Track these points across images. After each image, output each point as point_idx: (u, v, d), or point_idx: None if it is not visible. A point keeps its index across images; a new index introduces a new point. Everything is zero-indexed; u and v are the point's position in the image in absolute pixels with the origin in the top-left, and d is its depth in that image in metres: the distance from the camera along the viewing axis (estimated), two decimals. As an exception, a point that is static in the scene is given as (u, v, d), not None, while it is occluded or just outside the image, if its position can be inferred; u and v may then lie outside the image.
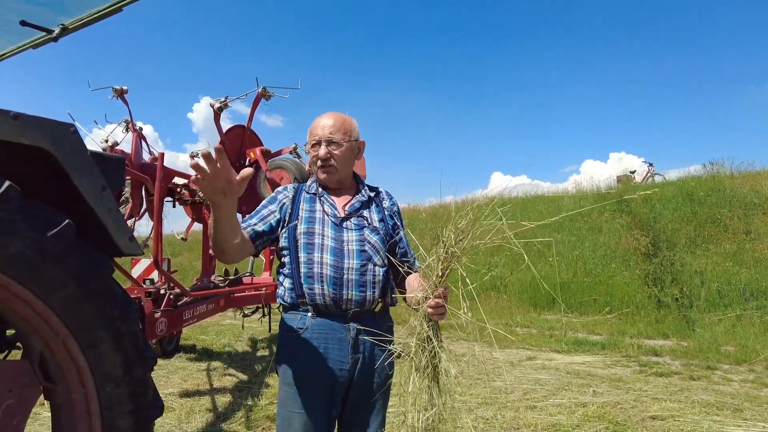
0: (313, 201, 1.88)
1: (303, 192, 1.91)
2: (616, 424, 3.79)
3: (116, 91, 4.79)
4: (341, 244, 1.78)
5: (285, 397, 1.77)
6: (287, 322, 1.82)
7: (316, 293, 1.74)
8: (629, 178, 16.22)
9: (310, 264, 1.75)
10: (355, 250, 1.79)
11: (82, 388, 1.53)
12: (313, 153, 1.87)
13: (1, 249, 1.29)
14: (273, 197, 1.90)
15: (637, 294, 9.14)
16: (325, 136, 1.84)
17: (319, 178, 1.91)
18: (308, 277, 1.75)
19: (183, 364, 5.85)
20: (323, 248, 1.77)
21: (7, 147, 1.36)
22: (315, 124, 1.89)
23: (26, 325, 1.44)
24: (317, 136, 1.86)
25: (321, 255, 1.76)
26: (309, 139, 1.90)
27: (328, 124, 1.86)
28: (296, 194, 1.90)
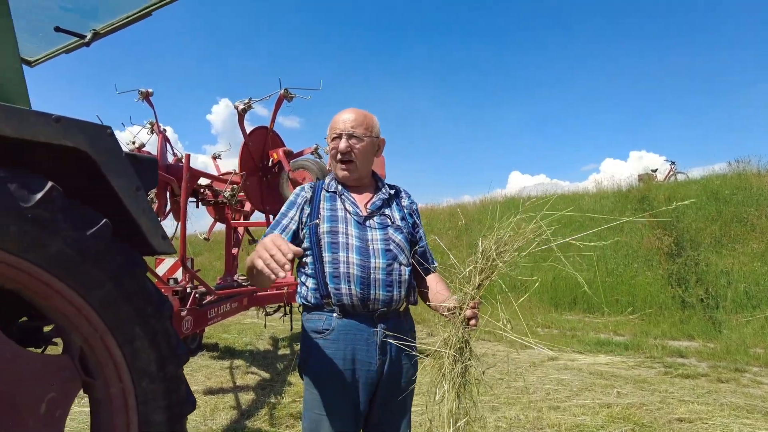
0: (334, 199, 1.85)
1: (322, 190, 1.89)
2: (642, 425, 3.74)
3: (142, 93, 4.89)
4: (366, 243, 1.76)
5: (312, 399, 1.74)
6: (312, 323, 1.79)
7: (343, 293, 1.72)
8: (651, 176, 15.94)
9: (336, 263, 1.73)
10: (380, 249, 1.77)
11: (119, 383, 1.57)
12: (333, 146, 1.85)
13: (45, 247, 1.33)
14: (291, 201, 1.88)
15: (661, 294, 8.99)
16: (347, 130, 1.82)
17: (338, 176, 1.89)
18: (334, 277, 1.72)
19: (206, 362, 5.93)
20: (348, 247, 1.74)
21: (49, 149, 1.41)
22: (336, 119, 1.87)
23: (66, 322, 1.49)
24: (338, 129, 1.83)
25: (347, 254, 1.73)
26: (329, 134, 1.87)
27: (350, 118, 1.84)
28: (315, 193, 1.88)
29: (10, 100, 1.54)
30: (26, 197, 1.29)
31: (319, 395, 1.73)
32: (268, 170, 5.07)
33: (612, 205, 13.19)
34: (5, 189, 1.25)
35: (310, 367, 1.78)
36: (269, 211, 5.19)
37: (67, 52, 2.69)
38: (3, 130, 1.30)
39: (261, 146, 4.92)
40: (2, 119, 1.29)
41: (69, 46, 2.64)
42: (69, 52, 2.71)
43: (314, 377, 1.75)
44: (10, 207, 1.25)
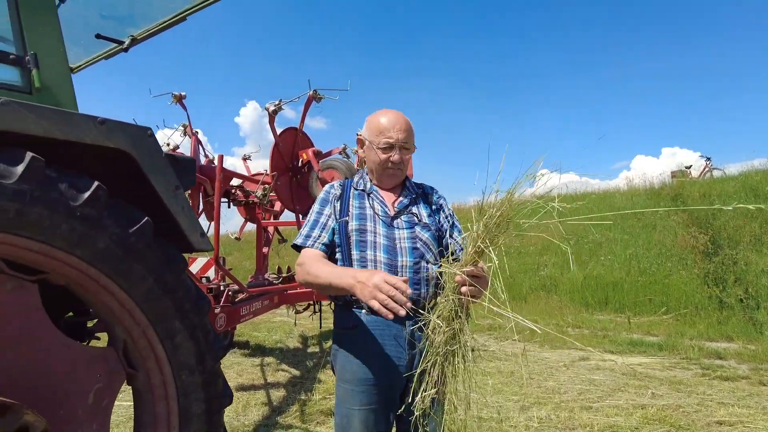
0: (362, 198, 1.87)
1: (351, 188, 1.91)
2: (679, 428, 3.64)
3: (175, 96, 5.03)
4: (393, 242, 1.78)
5: (343, 394, 1.76)
6: (342, 320, 1.82)
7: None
8: (685, 173, 15.47)
9: (364, 262, 1.75)
10: (407, 247, 1.79)
11: (160, 375, 1.63)
12: (385, 156, 1.83)
13: (92, 244, 1.39)
14: (324, 199, 1.90)
15: (696, 294, 8.72)
16: (401, 141, 1.82)
17: (382, 182, 1.91)
18: None
19: (237, 360, 6.05)
20: (376, 246, 1.77)
21: (95, 150, 1.48)
22: (388, 126, 1.83)
23: (111, 315, 1.55)
24: (392, 139, 1.81)
25: (374, 253, 1.76)
26: (378, 139, 1.83)
27: (403, 128, 1.83)
28: (344, 191, 1.90)
29: (60, 104, 1.61)
30: (75, 196, 1.36)
31: (349, 390, 1.74)
32: (297, 170, 5.15)
33: (644, 202, 12.86)
34: (56, 188, 1.32)
35: (340, 362, 1.80)
36: (299, 211, 5.27)
37: (106, 58, 2.79)
38: (52, 132, 1.37)
39: (291, 147, 5.00)
40: (52, 122, 1.35)
41: (108, 52, 2.74)
42: (108, 58, 2.81)
43: (345, 372, 1.77)
44: (61, 205, 1.32)
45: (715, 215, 10.68)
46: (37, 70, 1.51)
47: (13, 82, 1.53)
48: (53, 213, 1.31)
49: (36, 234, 1.30)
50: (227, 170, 4.65)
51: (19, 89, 1.52)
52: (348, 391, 1.74)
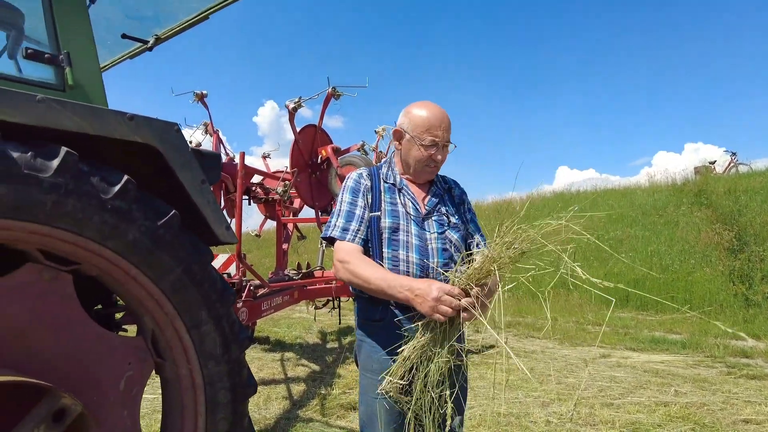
0: (393, 192, 1.86)
1: (380, 180, 1.88)
2: (704, 426, 3.59)
3: (197, 95, 5.11)
4: (425, 242, 1.79)
5: (368, 384, 1.78)
6: (367, 312, 1.82)
7: None
8: (709, 169, 15.13)
9: (396, 261, 1.76)
10: (438, 248, 1.79)
11: (187, 365, 1.67)
12: (428, 153, 1.79)
13: (122, 236, 1.44)
14: (354, 189, 1.85)
15: (721, 292, 8.55)
16: (445, 140, 1.80)
17: (416, 177, 1.89)
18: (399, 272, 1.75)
19: (258, 355, 6.14)
20: (408, 246, 1.77)
21: (124, 145, 1.52)
22: (435, 123, 1.78)
23: (140, 306, 1.60)
24: (439, 137, 1.78)
25: (407, 253, 1.76)
26: (423, 135, 1.78)
27: (448, 127, 1.81)
28: (373, 182, 1.87)
29: (91, 101, 1.66)
30: (106, 189, 1.40)
31: (375, 380, 1.76)
32: (317, 167, 5.19)
33: (666, 199, 12.62)
34: (88, 182, 1.37)
35: (366, 352, 1.82)
36: (318, 207, 5.32)
37: (131, 58, 2.86)
38: (85, 128, 1.42)
39: (310, 144, 5.04)
40: (84, 118, 1.40)
41: (133, 52, 2.81)
42: (133, 58, 2.88)
43: (371, 363, 1.79)
44: (93, 198, 1.37)
45: (741, 211, 10.45)
46: (70, 68, 1.57)
47: (48, 80, 1.58)
48: (86, 205, 1.36)
49: (70, 225, 1.35)
50: (248, 167, 4.71)
51: (54, 87, 1.58)
52: (374, 381, 1.76)
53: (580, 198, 14.79)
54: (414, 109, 1.84)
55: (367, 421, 1.80)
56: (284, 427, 3.66)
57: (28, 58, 1.52)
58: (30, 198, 1.25)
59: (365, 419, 1.81)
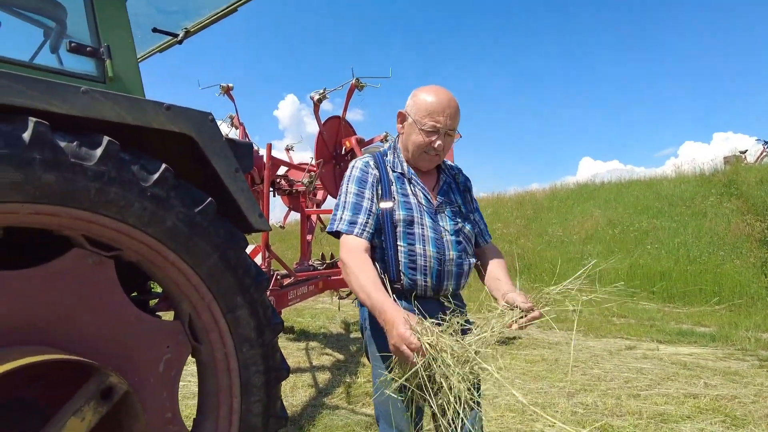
0: (402, 182, 1.80)
1: (387, 169, 1.82)
2: (735, 418, 3.53)
3: (223, 88, 5.20)
4: (440, 235, 1.75)
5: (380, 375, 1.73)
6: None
7: (418, 284, 1.73)
8: (739, 158, 14.72)
9: (413, 255, 1.72)
10: (452, 241, 1.77)
11: (223, 348, 1.72)
12: (428, 139, 1.72)
13: (161, 222, 1.49)
14: (361, 179, 1.78)
15: (752, 284, 8.34)
16: (448, 127, 1.72)
17: (421, 165, 1.82)
18: (410, 268, 1.72)
19: (283, 344, 6.23)
20: (425, 239, 1.73)
21: (160, 133, 1.57)
22: (438, 108, 1.70)
23: (178, 290, 1.65)
24: (440, 124, 1.70)
25: (423, 247, 1.72)
26: (424, 120, 1.71)
27: (452, 113, 1.72)
28: (380, 171, 1.80)
29: (130, 92, 1.71)
30: (146, 177, 1.45)
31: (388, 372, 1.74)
32: (341, 158, 5.23)
33: (693, 189, 12.34)
34: (129, 170, 1.41)
35: (380, 348, 1.78)
36: (337, 197, 5.37)
37: (161, 51, 2.92)
38: (125, 118, 1.46)
39: (334, 135, 5.08)
40: (125, 108, 1.45)
41: (163, 46, 2.87)
42: (162, 51, 2.94)
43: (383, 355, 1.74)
44: (134, 186, 1.42)
45: (773, 202, 10.16)
46: (110, 60, 1.62)
47: (90, 73, 1.64)
48: (127, 193, 1.40)
49: (112, 212, 1.40)
50: (275, 158, 4.77)
51: (95, 79, 1.63)
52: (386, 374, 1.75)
53: (603, 189, 14.56)
54: (421, 92, 1.77)
55: (383, 412, 1.77)
56: (311, 413, 3.72)
57: (72, 51, 1.57)
58: (76, 185, 1.30)
59: (381, 410, 1.78)
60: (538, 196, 15.60)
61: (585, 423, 3.44)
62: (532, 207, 14.73)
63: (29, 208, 1.25)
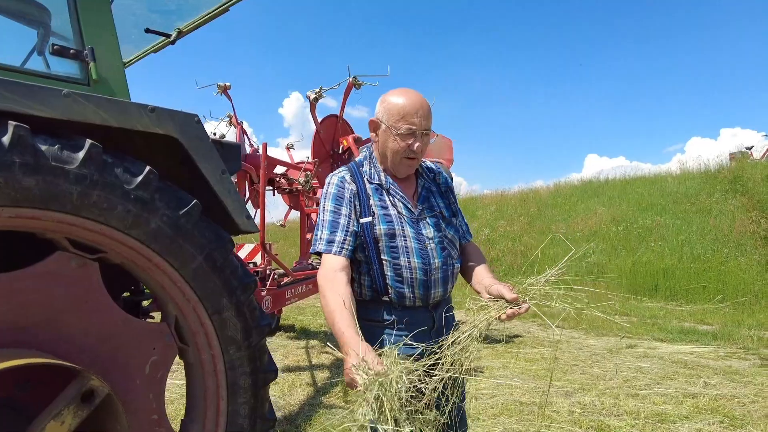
0: (381, 193, 1.75)
1: (364, 182, 1.76)
2: (733, 418, 3.51)
3: (220, 87, 5.20)
4: (424, 244, 1.72)
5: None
6: (370, 314, 1.74)
7: (406, 296, 1.70)
8: (745, 155, 14.57)
9: (398, 268, 1.69)
10: (436, 248, 1.73)
11: (209, 350, 1.73)
12: (405, 143, 1.68)
13: (145, 224, 1.49)
14: (337, 195, 1.73)
15: (756, 282, 8.28)
16: (423, 127, 1.68)
17: (399, 171, 1.77)
18: (397, 281, 1.69)
19: (284, 342, 6.25)
20: (408, 251, 1.69)
21: (145, 136, 1.57)
22: (411, 110, 1.66)
23: (163, 292, 1.65)
24: (415, 125, 1.66)
25: (408, 259, 1.69)
26: (399, 125, 1.67)
27: (426, 113, 1.68)
28: (358, 185, 1.74)
29: (115, 95, 1.71)
30: (129, 180, 1.45)
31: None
32: (338, 157, 5.23)
33: (698, 186, 12.24)
34: (112, 173, 1.41)
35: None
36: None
37: (155, 52, 2.92)
38: (108, 120, 1.46)
39: (332, 134, 5.08)
40: (108, 111, 1.45)
41: (156, 46, 2.87)
42: (157, 52, 2.94)
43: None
44: (117, 188, 1.42)
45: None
46: (94, 63, 1.62)
47: (73, 75, 1.64)
48: (110, 195, 1.41)
49: (95, 215, 1.40)
50: (271, 158, 4.77)
51: (78, 81, 1.63)
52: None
53: (608, 186, 14.47)
54: (390, 96, 1.72)
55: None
56: (307, 413, 3.73)
57: (54, 53, 1.57)
58: (57, 189, 1.31)
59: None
60: (542, 194, 15.54)
61: (582, 423, 3.43)
62: (535, 204, 14.67)
63: (9, 212, 1.26)
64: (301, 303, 7.88)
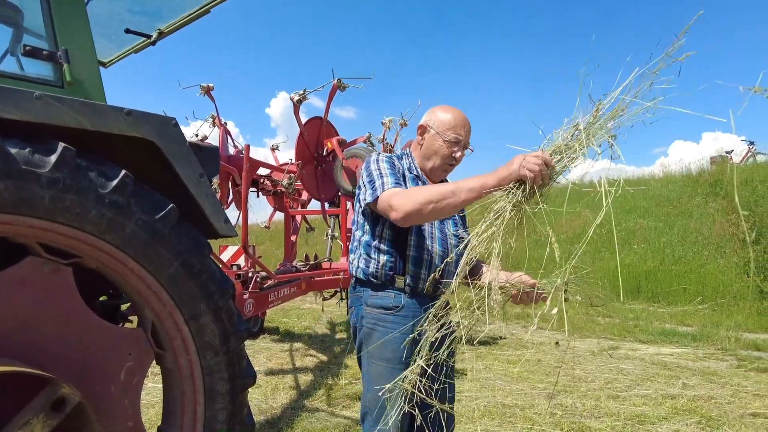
0: (417, 183, 1.91)
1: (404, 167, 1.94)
2: (710, 419, 3.57)
3: (203, 88, 5.16)
4: (445, 236, 1.90)
5: (381, 371, 1.79)
6: (379, 300, 1.84)
7: (420, 278, 1.82)
8: (725, 158, 14.85)
9: (421, 250, 1.83)
10: (454, 244, 1.89)
11: (187, 355, 1.71)
12: (450, 150, 1.89)
13: (120, 229, 1.47)
14: (391, 163, 1.87)
15: (735, 284, 8.43)
16: (466, 141, 1.92)
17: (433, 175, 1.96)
18: (416, 262, 1.82)
19: (267, 345, 6.21)
20: (433, 238, 1.87)
21: (121, 140, 1.55)
22: (459, 123, 1.89)
23: (139, 297, 1.63)
24: (462, 137, 1.89)
25: (431, 244, 1.86)
26: (447, 133, 1.88)
27: (468, 129, 1.92)
28: (402, 168, 1.92)
29: (90, 97, 1.69)
30: (104, 184, 1.43)
31: (388, 368, 1.77)
32: (322, 159, 5.21)
33: (680, 189, 12.45)
34: (86, 177, 1.39)
35: (379, 341, 1.81)
36: (324, 199, 5.35)
37: (135, 52, 2.89)
38: (83, 123, 1.44)
39: (316, 136, 5.06)
40: (83, 114, 1.43)
41: (137, 46, 2.84)
42: (137, 52, 2.91)
43: (385, 351, 1.79)
44: (91, 193, 1.39)
45: (758, 202, 10.27)
46: (68, 64, 1.59)
47: (46, 77, 1.61)
48: (84, 200, 1.39)
49: (69, 220, 1.38)
50: (254, 159, 4.74)
51: (52, 83, 1.60)
52: (387, 369, 1.78)
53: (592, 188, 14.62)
54: (440, 110, 1.95)
55: (375, 409, 1.78)
56: (290, 416, 3.71)
57: (26, 54, 1.54)
58: (29, 193, 1.28)
59: (371, 407, 1.81)
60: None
61: (563, 425, 3.45)
62: (520, 206, 14.77)
63: (-21, 217, 1.23)
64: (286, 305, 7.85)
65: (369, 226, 1.90)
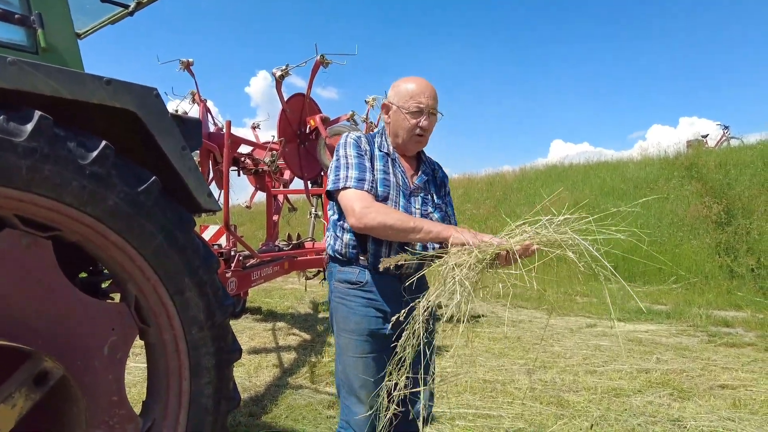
0: (386, 161, 1.90)
1: (375, 147, 1.92)
2: (681, 390, 3.70)
3: (183, 63, 5.02)
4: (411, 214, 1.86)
5: (346, 343, 1.88)
6: (345, 275, 1.89)
7: (382, 256, 1.82)
8: (701, 142, 15.15)
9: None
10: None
11: (171, 330, 1.69)
12: (415, 120, 1.85)
13: (102, 202, 1.43)
14: (359, 146, 1.87)
15: (707, 264, 8.68)
16: (430, 107, 1.85)
17: (408, 148, 1.93)
18: (377, 240, 1.82)
19: (250, 324, 6.20)
20: None
21: (101, 110, 1.50)
22: (419, 91, 1.85)
23: (122, 272, 1.60)
24: (422, 104, 1.83)
25: None
26: (408, 104, 1.84)
27: (432, 94, 1.86)
28: (371, 147, 1.90)
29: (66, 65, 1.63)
30: (84, 155, 1.39)
31: (354, 340, 1.85)
32: (305, 137, 5.15)
33: (657, 172, 12.67)
34: (65, 147, 1.35)
35: (343, 314, 1.89)
36: (307, 177, 5.29)
37: (112, 23, 2.78)
38: (60, 92, 1.39)
39: (298, 113, 4.98)
40: (59, 81, 1.37)
41: (114, 17, 2.73)
42: (114, 23, 2.80)
43: (348, 323, 1.87)
44: (70, 163, 1.35)
45: (731, 185, 10.53)
46: (42, 30, 1.53)
47: (19, 42, 1.54)
48: (63, 170, 1.34)
49: (47, 191, 1.34)
50: (236, 136, 4.66)
51: (25, 49, 1.54)
52: (351, 341, 1.86)
53: (572, 171, 14.80)
54: (400, 82, 1.92)
55: (344, 379, 1.89)
56: (274, 393, 3.73)
57: (-2, 18, 1.48)
58: (5, 162, 1.24)
59: (342, 378, 1.91)
60: (508, 178, 15.77)
61: (542, 399, 3.54)
62: (501, 188, 14.89)
63: (-49, 187, 1.19)
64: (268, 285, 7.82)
65: (336, 205, 1.92)
